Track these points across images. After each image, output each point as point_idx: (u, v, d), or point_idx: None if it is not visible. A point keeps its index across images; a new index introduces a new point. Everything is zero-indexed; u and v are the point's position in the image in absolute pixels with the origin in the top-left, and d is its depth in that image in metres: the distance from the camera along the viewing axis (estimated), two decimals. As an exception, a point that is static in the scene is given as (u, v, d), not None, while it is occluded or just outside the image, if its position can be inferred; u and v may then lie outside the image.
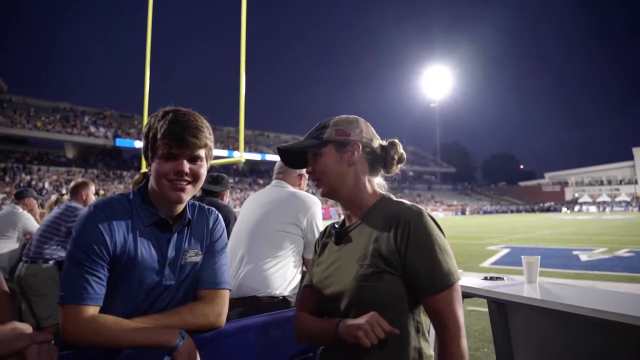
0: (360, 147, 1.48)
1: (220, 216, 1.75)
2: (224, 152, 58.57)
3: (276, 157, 1.88)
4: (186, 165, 1.49)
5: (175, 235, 1.56)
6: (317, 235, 2.62)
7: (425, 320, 1.39)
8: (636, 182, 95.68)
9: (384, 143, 1.55)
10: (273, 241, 2.55)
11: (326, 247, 1.59)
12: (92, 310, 1.38)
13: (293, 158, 1.60)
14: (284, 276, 2.52)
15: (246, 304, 2.45)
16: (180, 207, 1.58)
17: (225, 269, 1.67)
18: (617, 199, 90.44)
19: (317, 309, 1.55)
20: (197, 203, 1.70)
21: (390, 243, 1.34)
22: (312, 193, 2.82)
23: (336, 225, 1.58)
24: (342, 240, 1.51)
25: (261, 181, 71.89)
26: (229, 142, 69.56)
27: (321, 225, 2.66)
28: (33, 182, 44.94)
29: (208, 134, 1.54)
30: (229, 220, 3.52)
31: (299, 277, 2.63)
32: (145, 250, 1.49)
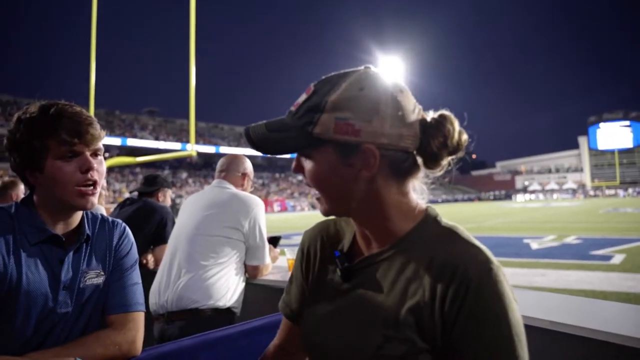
0: (378, 154, 0.88)
1: (127, 229, 1.52)
2: (177, 145, 57.16)
3: (230, 150, 1.60)
4: (92, 161, 1.30)
5: (71, 254, 1.33)
6: (259, 239, 2.41)
7: None
8: (582, 170, 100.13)
9: (428, 118, 0.95)
10: (213, 247, 2.33)
11: (322, 277, 1.06)
12: None
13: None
14: (227, 285, 2.31)
15: (187, 318, 2.23)
16: (76, 221, 1.36)
17: (137, 288, 1.45)
18: (565, 187, 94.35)
19: (290, 346, 1.18)
20: (99, 215, 1.47)
21: (435, 307, 0.84)
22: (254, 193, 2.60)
23: (341, 249, 1.04)
24: (353, 277, 0.98)
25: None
26: (182, 135, 68.20)
27: (264, 228, 2.45)
28: (-27, 179, 42.77)
29: (99, 125, 1.34)
30: (166, 222, 3.29)
31: (242, 285, 2.42)
32: (32, 274, 1.25)
